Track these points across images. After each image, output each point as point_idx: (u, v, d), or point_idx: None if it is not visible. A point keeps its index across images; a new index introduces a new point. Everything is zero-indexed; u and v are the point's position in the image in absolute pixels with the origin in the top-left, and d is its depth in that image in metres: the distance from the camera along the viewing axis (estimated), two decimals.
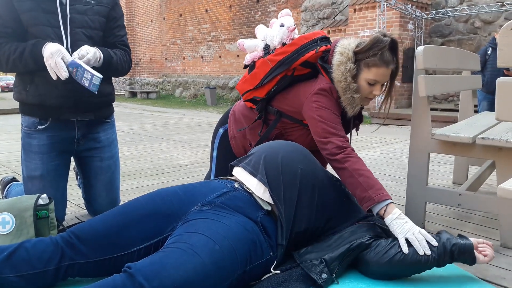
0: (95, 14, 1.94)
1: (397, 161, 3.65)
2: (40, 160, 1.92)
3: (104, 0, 1.98)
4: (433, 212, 2.19)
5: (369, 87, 1.72)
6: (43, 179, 1.93)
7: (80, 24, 1.88)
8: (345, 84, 1.71)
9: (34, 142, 1.93)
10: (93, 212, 2.15)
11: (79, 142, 2.02)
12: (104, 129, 2.10)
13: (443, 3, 8.84)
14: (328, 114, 1.72)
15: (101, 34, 1.98)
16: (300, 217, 1.45)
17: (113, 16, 2.03)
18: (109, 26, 2.02)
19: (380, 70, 1.68)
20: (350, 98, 1.73)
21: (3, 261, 1.28)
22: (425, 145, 1.90)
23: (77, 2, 1.88)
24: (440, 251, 1.31)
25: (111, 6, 2.01)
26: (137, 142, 5.12)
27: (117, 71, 1.99)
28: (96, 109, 2.02)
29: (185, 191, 1.52)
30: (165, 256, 1.19)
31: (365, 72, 1.70)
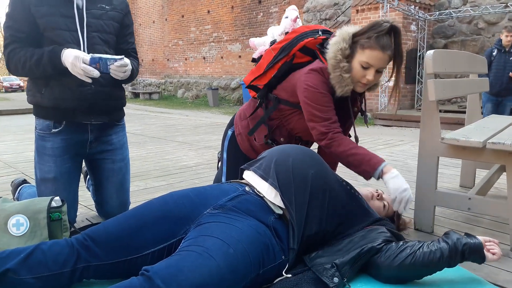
0: (110, 19, 1.98)
1: (403, 164, 3.65)
2: (53, 162, 1.94)
3: (118, 6, 2.03)
4: (441, 215, 2.20)
5: (363, 70, 1.71)
6: (56, 182, 1.94)
7: (96, 28, 1.92)
8: (334, 62, 1.72)
9: (48, 145, 1.95)
10: (104, 214, 2.16)
11: (92, 145, 2.04)
12: (116, 132, 2.12)
13: (446, 4, 8.85)
14: (313, 94, 1.74)
15: (114, 38, 2.02)
16: (311, 221, 1.46)
17: (126, 23, 2.08)
18: (122, 33, 2.07)
19: (373, 52, 1.67)
20: (339, 77, 1.73)
21: (20, 262, 1.29)
22: (434, 149, 1.91)
23: (93, 7, 1.92)
24: (452, 252, 1.31)
25: (125, 13, 2.06)
26: (142, 143, 5.14)
27: (131, 79, 2.03)
28: (109, 112, 2.04)
29: (197, 194, 1.53)
30: (181, 259, 1.21)
31: (359, 54, 1.70)
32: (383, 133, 6.69)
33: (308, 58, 1.89)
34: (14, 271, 1.27)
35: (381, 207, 1.82)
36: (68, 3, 1.86)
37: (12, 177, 3.28)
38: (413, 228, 2.02)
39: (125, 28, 2.07)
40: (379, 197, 1.85)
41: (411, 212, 2.17)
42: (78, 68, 1.74)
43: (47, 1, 1.82)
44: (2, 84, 29.52)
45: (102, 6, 1.96)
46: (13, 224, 1.62)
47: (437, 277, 1.38)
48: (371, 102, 9.24)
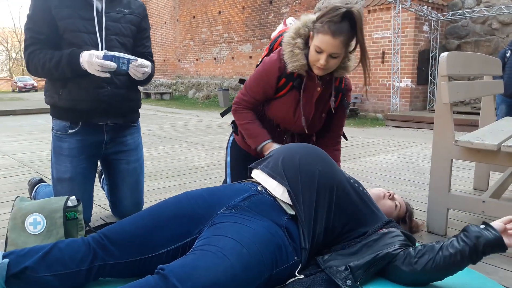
0: (128, 22, 2.01)
1: (415, 166, 3.63)
2: (70, 163, 1.97)
3: (136, 10, 2.06)
4: (454, 218, 2.19)
5: (316, 55, 1.73)
6: (72, 182, 1.97)
7: (114, 31, 1.95)
8: (287, 39, 1.81)
9: (64, 145, 1.98)
10: (118, 214, 2.19)
11: (107, 145, 2.07)
12: (131, 133, 2.15)
13: (460, 4, 8.76)
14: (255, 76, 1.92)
15: (132, 41, 2.05)
16: (319, 218, 1.47)
17: (143, 27, 2.11)
18: (140, 36, 2.10)
19: (324, 37, 1.67)
20: (290, 52, 1.79)
21: (38, 260, 1.31)
22: (448, 151, 1.90)
23: (112, 10, 1.96)
24: (472, 253, 1.29)
25: (142, 17, 2.09)
26: (154, 143, 5.18)
27: (147, 81, 2.08)
28: (124, 114, 2.07)
29: (211, 194, 1.55)
30: (196, 259, 1.22)
31: (314, 38, 1.73)
32: (395, 134, 6.65)
33: None
34: (32, 268, 1.30)
35: (392, 207, 1.82)
36: (87, 6, 1.89)
37: (27, 176, 3.34)
38: (426, 231, 2.02)
39: (142, 32, 2.10)
40: (390, 197, 1.85)
41: (423, 215, 2.16)
42: (95, 65, 1.76)
43: (68, 4, 1.86)
44: (16, 84, 29.95)
45: (121, 9, 1.99)
46: (30, 222, 1.65)
47: (450, 280, 1.38)
48: (382, 103, 9.20)
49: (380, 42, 9.04)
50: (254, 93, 1.93)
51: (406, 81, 8.77)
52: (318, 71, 1.80)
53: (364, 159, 4.03)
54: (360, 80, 9.56)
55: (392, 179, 3.14)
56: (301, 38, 1.80)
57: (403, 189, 2.81)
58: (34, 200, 1.79)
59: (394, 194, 1.87)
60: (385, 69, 9.08)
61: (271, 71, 1.86)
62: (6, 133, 6.42)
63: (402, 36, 8.57)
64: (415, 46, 8.58)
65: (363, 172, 3.37)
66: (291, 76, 1.84)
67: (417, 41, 8.62)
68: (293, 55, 1.79)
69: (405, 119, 7.96)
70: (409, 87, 8.75)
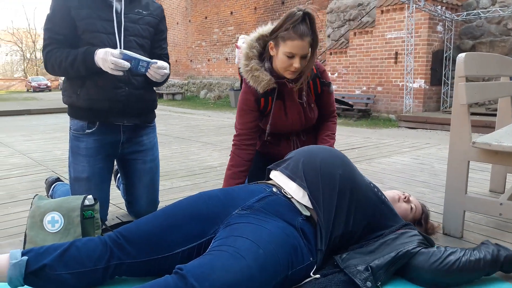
0: (146, 24, 2.03)
1: (429, 167, 3.60)
2: (87, 163, 1.99)
3: (154, 12, 2.08)
4: (471, 220, 2.16)
5: (289, 60, 1.83)
6: (89, 181, 1.99)
7: (133, 33, 1.98)
8: (243, 68, 1.93)
9: (82, 145, 2.00)
10: (134, 213, 2.21)
11: (124, 145, 2.09)
12: (147, 133, 2.17)
13: (475, 4, 8.66)
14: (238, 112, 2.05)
15: (149, 43, 2.07)
16: (338, 221, 1.47)
17: (160, 29, 2.13)
18: (157, 38, 2.11)
19: (294, 42, 1.78)
20: (252, 78, 1.91)
21: (56, 258, 1.33)
22: (464, 153, 1.88)
23: (131, 12, 1.98)
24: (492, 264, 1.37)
25: (160, 19, 2.11)
26: (167, 143, 5.21)
27: (163, 83, 2.10)
28: (141, 114, 2.09)
29: (226, 195, 1.56)
30: (213, 259, 1.23)
31: (282, 46, 1.82)
32: (408, 135, 6.59)
33: None
34: (50, 266, 1.32)
35: (408, 209, 1.81)
36: (107, 7, 1.92)
37: (43, 175, 3.39)
38: (442, 233, 2.00)
39: (159, 34, 2.12)
40: (406, 199, 1.84)
41: (439, 216, 2.14)
42: (109, 62, 1.76)
43: (87, 5, 1.88)
44: (30, 84, 30.38)
45: (140, 11, 2.01)
46: (49, 221, 1.67)
47: None
48: (395, 104, 9.13)
49: (393, 42, 8.97)
50: (246, 123, 2.04)
51: (419, 82, 8.69)
52: (291, 75, 1.91)
53: (378, 160, 4.00)
54: (372, 80, 9.51)
55: (407, 180, 3.11)
56: (254, 59, 1.91)
57: (418, 191, 2.79)
58: (52, 199, 1.81)
59: (410, 196, 1.86)
60: (398, 70, 9.01)
61: (247, 100, 2.00)
62: (21, 132, 6.52)
63: (415, 36, 8.49)
64: (428, 46, 8.50)
65: (377, 174, 3.35)
66: (266, 93, 1.96)
67: (431, 42, 8.54)
68: (255, 78, 1.91)
69: (418, 120, 7.89)
70: (422, 87, 8.67)
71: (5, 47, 44.91)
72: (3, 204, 2.61)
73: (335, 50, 10.25)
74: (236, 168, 2.05)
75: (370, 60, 9.53)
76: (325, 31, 11.77)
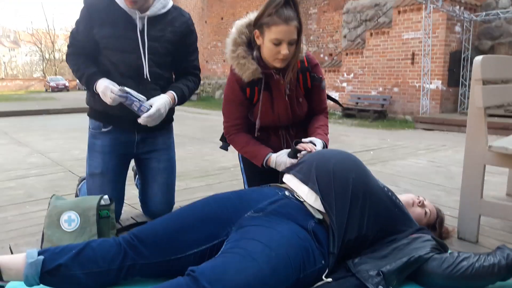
0: (165, 42, 2.01)
1: (445, 170, 3.55)
2: (101, 159, 2.06)
3: (179, 28, 2.05)
4: (487, 225, 2.13)
5: (276, 47, 1.74)
6: (102, 177, 2.05)
7: (151, 51, 1.98)
8: (229, 54, 1.85)
9: (98, 142, 2.07)
10: (149, 213, 2.24)
11: (139, 145, 2.13)
12: (162, 134, 2.20)
13: (494, 4, 8.51)
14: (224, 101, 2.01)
15: (169, 59, 2.07)
16: (351, 226, 1.46)
17: (187, 42, 2.11)
18: (184, 51, 2.11)
19: (279, 28, 1.69)
20: (238, 65, 1.83)
21: (72, 258, 1.36)
22: (481, 157, 1.85)
23: (153, 30, 1.97)
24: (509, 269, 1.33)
25: (185, 33, 2.08)
26: (182, 144, 5.24)
27: (183, 101, 2.13)
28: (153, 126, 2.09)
29: (239, 197, 1.56)
30: (226, 262, 1.24)
31: (267, 33, 1.73)
32: (424, 137, 6.51)
33: None
34: (66, 266, 1.34)
35: (422, 214, 1.79)
36: (130, 25, 1.93)
37: (60, 175, 3.47)
38: (457, 237, 1.97)
39: (185, 46, 2.10)
40: (420, 204, 1.82)
41: (454, 220, 2.12)
42: (108, 97, 1.85)
43: (110, 22, 1.91)
44: (49, 84, 30.88)
45: (162, 28, 2.00)
46: (65, 220, 1.71)
47: None
48: (412, 105, 9.03)
49: (410, 43, 8.88)
50: (233, 115, 1.99)
51: (436, 83, 8.58)
52: (280, 64, 1.81)
53: (393, 162, 3.97)
54: (388, 81, 9.42)
55: (422, 183, 3.08)
56: (242, 46, 1.83)
57: (433, 194, 2.76)
58: (68, 199, 1.85)
59: (424, 200, 1.84)
60: (414, 71, 8.91)
61: (233, 88, 1.93)
62: (40, 132, 6.64)
63: (433, 37, 8.39)
64: (446, 47, 8.39)
65: (392, 176, 3.32)
66: (252, 83, 1.88)
67: (449, 42, 8.43)
68: (241, 66, 1.83)
69: (435, 122, 7.79)
70: (439, 88, 8.56)
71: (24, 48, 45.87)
72: (22, 204, 2.67)
73: (351, 51, 10.19)
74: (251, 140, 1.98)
75: (386, 61, 9.45)
76: (341, 32, 11.71)
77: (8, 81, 31.04)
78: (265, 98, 1.93)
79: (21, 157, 4.35)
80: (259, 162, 1.93)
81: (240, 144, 2.00)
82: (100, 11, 1.90)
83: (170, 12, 2.03)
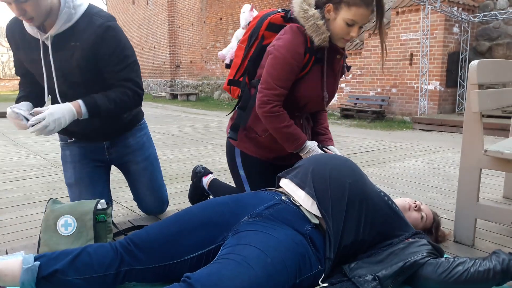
0: (76, 59, 1.78)
1: (442, 172, 3.56)
2: (73, 168, 2.06)
3: (87, 40, 1.76)
4: (483, 228, 2.13)
5: (347, 28, 1.71)
6: (78, 185, 2.05)
7: (64, 71, 1.80)
8: (303, 13, 1.72)
9: (67, 153, 2.09)
10: (144, 211, 2.30)
11: (110, 150, 2.12)
12: (133, 134, 2.16)
13: (492, 5, 8.52)
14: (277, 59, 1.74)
15: (88, 76, 1.82)
16: (348, 231, 1.47)
17: (101, 53, 1.78)
18: (104, 63, 1.81)
19: (359, 10, 1.67)
20: (314, 25, 1.71)
21: (68, 264, 1.36)
22: (477, 161, 1.86)
23: (61, 48, 1.77)
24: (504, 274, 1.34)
25: (94, 44, 1.76)
26: (181, 145, 5.25)
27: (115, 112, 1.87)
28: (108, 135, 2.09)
29: (235, 202, 1.57)
30: (221, 268, 1.24)
31: (345, 11, 1.69)
32: (422, 138, 6.52)
33: (276, 34, 1.87)
34: (62, 271, 1.35)
35: (418, 218, 1.80)
36: (37, 48, 1.77)
37: (58, 177, 3.45)
38: (453, 241, 1.98)
39: (102, 59, 1.80)
40: (416, 208, 1.82)
41: (450, 223, 2.13)
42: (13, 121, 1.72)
43: (23, 47, 1.83)
44: None
45: (72, 44, 1.76)
46: (62, 224, 1.71)
47: None
48: (410, 106, 9.04)
49: (408, 44, 8.89)
50: (285, 82, 1.76)
51: (434, 84, 8.59)
52: (343, 44, 1.79)
53: (390, 164, 3.98)
54: (387, 82, 9.43)
55: (419, 185, 3.09)
56: (313, 8, 1.73)
57: (429, 197, 2.77)
58: (65, 203, 1.85)
59: (421, 204, 1.85)
60: (413, 71, 8.92)
61: (296, 50, 1.74)
62: None
63: (431, 38, 8.40)
64: (444, 48, 8.40)
65: (390, 178, 3.33)
66: (312, 50, 1.76)
67: (447, 43, 8.44)
68: (317, 27, 1.72)
69: (433, 123, 7.80)
70: (437, 89, 8.57)
71: None
72: (19, 206, 2.67)
73: (349, 51, 10.19)
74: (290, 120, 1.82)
75: (384, 62, 9.46)
76: None
77: (6, 81, 30.92)
78: (316, 71, 1.82)
79: (19, 159, 4.34)
80: (299, 145, 1.82)
81: (284, 122, 1.78)
82: (15, 35, 1.81)
83: (78, 23, 1.76)
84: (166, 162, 4.11)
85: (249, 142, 1.98)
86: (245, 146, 1.99)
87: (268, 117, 1.78)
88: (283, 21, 1.89)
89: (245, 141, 1.98)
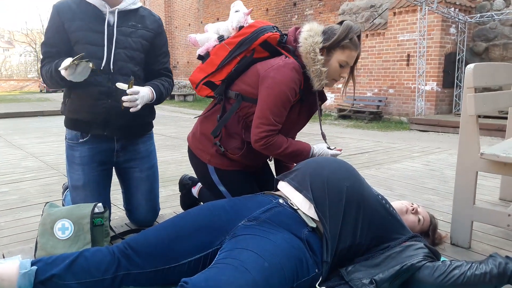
0: (139, 37, 2.01)
1: (439, 174, 3.57)
2: (82, 171, 2.03)
3: (150, 26, 2.06)
4: (480, 230, 2.14)
5: (340, 69, 1.83)
6: (85, 189, 2.03)
7: (123, 45, 1.96)
8: (314, 55, 1.77)
9: (76, 154, 2.04)
10: (135, 221, 2.22)
11: (119, 154, 2.10)
12: (143, 141, 2.17)
13: (488, 6, 8.56)
14: (276, 95, 1.74)
15: (143, 56, 2.04)
16: (345, 234, 1.47)
17: (157, 43, 2.09)
18: (154, 53, 2.09)
19: (352, 53, 1.80)
20: (318, 70, 1.78)
21: (65, 268, 1.36)
22: (473, 164, 1.87)
23: (124, 25, 1.97)
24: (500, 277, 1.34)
25: (156, 33, 2.07)
26: (177, 146, 5.23)
27: (159, 101, 2.07)
28: (126, 128, 2.07)
29: (232, 206, 1.57)
30: (218, 272, 1.24)
31: (339, 54, 1.79)
32: (419, 139, 6.54)
33: (267, 53, 1.88)
34: (59, 276, 1.35)
35: (415, 221, 1.80)
36: (99, 19, 1.93)
37: (55, 179, 3.45)
38: (449, 243, 1.98)
39: (156, 48, 2.10)
40: (413, 211, 1.83)
41: (447, 225, 2.13)
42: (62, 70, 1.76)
43: (80, 16, 1.90)
44: (43, 84, 30.70)
45: (133, 24, 2.00)
46: (59, 228, 1.71)
47: None
48: (407, 106, 9.07)
49: (405, 44, 8.91)
50: (283, 118, 1.80)
51: (431, 84, 8.62)
52: (332, 84, 1.90)
53: (387, 166, 3.98)
54: (384, 82, 9.45)
55: (416, 187, 3.09)
56: (321, 54, 1.78)
57: (426, 198, 2.77)
58: (63, 207, 1.85)
59: (418, 207, 1.85)
60: (410, 72, 8.95)
61: (295, 89, 1.77)
62: (35, 134, 6.61)
63: (428, 38, 8.43)
64: (441, 48, 8.43)
65: (387, 180, 3.34)
66: (301, 91, 1.83)
67: (443, 44, 8.46)
68: (320, 73, 1.79)
69: (430, 123, 7.83)
70: (434, 90, 8.60)
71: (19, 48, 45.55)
72: (15, 209, 2.66)
73: None
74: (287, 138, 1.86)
75: (382, 62, 9.48)
76: None
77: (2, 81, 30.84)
78: (297, 108, 1.88)
79: (15, 161, 4.33)
80: (305, 156, 1.85)
81: (283, 145, 1.80)
82: (70, 8, 1.91)
83: (140, 10, 2.06)
84: (163, 164, 4.10)
85: (221, 157, 1.93)
86: (217, 162, 1.94)
87: (265, 149, 1.81)
88: (277, 45, 1.88)
89: (217, 156, 1.93)
